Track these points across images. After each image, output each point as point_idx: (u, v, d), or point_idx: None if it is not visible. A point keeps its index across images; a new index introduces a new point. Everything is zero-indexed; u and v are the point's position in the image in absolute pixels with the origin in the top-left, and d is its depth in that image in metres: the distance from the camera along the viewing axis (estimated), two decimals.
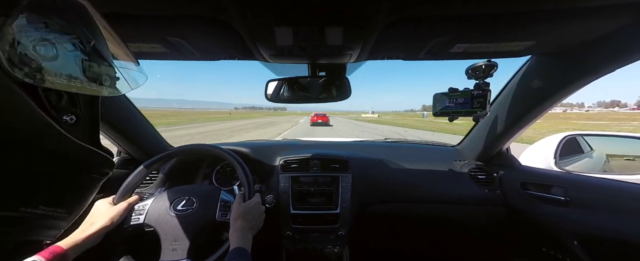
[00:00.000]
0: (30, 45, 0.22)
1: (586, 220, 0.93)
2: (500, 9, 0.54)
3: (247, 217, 0.76)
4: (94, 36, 0.27)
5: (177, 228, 0.78)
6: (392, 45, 0.75)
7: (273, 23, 0.57)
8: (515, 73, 0.99)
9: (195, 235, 0.78)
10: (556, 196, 1.02)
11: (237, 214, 0.75)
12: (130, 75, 0.32)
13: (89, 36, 0.26)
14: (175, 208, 0.82)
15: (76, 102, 0.28)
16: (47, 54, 0.23)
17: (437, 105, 0.95)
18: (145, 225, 0.80)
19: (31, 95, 0.22)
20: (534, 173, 1.16)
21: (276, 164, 1.28)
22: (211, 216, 0.82)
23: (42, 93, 0.24)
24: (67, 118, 0.27)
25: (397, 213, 1.25)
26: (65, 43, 0.24)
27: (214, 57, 0.87)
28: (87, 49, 0.26)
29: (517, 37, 0.69)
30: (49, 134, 0.24)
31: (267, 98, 1.02)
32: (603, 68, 0.74)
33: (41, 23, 0.22)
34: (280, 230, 1.18)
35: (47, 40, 0.23)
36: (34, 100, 0.23)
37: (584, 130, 4.76)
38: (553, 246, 1.06)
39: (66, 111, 0.27)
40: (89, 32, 0.26)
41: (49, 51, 0.23)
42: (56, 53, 0.23)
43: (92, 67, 0.27)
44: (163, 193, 0.88)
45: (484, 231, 1.27)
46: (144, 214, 0.81)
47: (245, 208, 0.78)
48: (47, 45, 0.23)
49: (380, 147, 1.66)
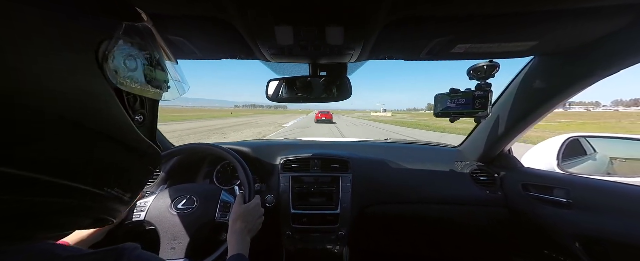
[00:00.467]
0: (123, 60, 0.29)
1: (588, 222, 0.92)
2: (502, 9, 0.54)
3: (246, 219, 0.76)
4: (158, 52, 0.35)
5: (177, 227, 0.78)
6: (393, 46, 0.75)
7: (274, 22, 0.58)
8: (518, 74, 0.99)
9: (195, 234, 0.78)
10: (558, 198, 1.01)
11: (237, 216, 0.75)
12: (179, 84, 0.41)
13: (155, 52, 0.35)
14: (176, 207, 0.82)
15: (144, 105, 0.36)
16: (131, 67, 0.31)
17: (439, 105, 0.94)
18: (146, 223, 0.80)
19: (119, 98, 0.30)
20: (536, 174, 1.15)
21: (277, 164, 1.28)
22: (211, 216, 0.82)
23: (125, 97, 0.31)
24: (138, 118, 0.34)
25: (398, 214, 1.25)
26: (142, 58, 0.32)
27: (215, 57, 0.87)
28: (154, 62, 0.34)
29: (519, 38, 0.69)
30: (127, 130, 0.31)
31: (268, 98, 1.02)
32: (606, 69, 0.73)
33: (129, 42, 0.30)
34: (281, 229, 1.18)
35: (132, 56, 0.31)
36: (120, 101, 0.30)
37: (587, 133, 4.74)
38: (554, 248, 1.05)
39: (138, 112, 0.34)
40: (155, 48, 0.35)
41: (132, 64, 0.31)
42: (136, 66, 0.31)
43: (157, 76, 0.35)
44: (165, 191, 0.89)
45: (485, 232, 1.27)
46: (145, 211, 0.81)
47: (245, 210, 0.78)
48: (132, 59, 0.31)
49: (381, 147, 1.66)
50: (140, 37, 0.32)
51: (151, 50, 0.34)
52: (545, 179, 1.10)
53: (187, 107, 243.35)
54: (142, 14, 0.34)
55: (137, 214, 0.81)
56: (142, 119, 0.35)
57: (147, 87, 0.33)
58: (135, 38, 0.31)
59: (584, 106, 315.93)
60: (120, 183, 0.33)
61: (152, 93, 0.35)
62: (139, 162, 0.35)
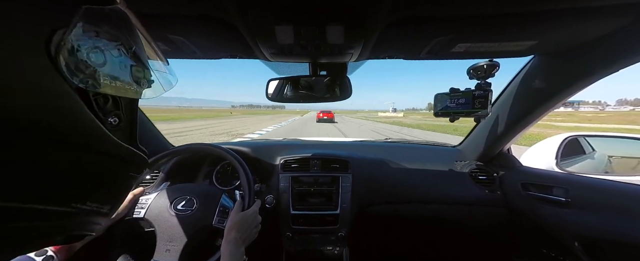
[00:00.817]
0: (84, 53, 0.24)
1: (587, 221, 0.92)
2: (501, 8, 0.54)
3: (241, 228, 0.75)
4: (134, 41, 0.29)
5: (174, 229, 0.78)
6: (393, 45, 0.75)
7: (274, 21, 0.57)
8: (517, 74, 0.99)
9: (191, 237, 0.78)
10: (557, 197, 1.02)
11: (232, 224, 0.74)
12: (164, 77, 0.34)
13: (130, 42, 0.28)
14: (176, 208, 0.82)
15: (119, 105, 0.31)
16: (97, 61, 0.25)
17: (438, 105, 0.94)
18: (145, 221, 0.80)
19: (83, 98, 0.25)
20: (535, 174, 1.15)
21: (276, 164, 1.28)
22: (209, 220, 0.82)
23: (92, 97, 0.27)
24: (111, 120, 0.29)
25: (397, 214, 1.25)
26: (112, 50, 0.26)
27: (215, 56, 0.87)
28: (129, 54, 0.28)
29: (519, 37, 0.69)
30: (96, 135, 0.26)
31: (268, 97, 1.02)
32: (606, 68, 0.73)
33: (94, 32, 0.25)
34: (280, 230, 1.18)
35: (97, 48, 0.25)
36: (85, 103, 0.25)
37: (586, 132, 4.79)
38: (554, 248, 1.05)
39: (111, 113, 0.29)
40: (130, 37, 0.29)
41: (99, 58, 0.25)
42: (105, 60, 0.25)
43: (133, 71, 0.29)
44: (165, 190, 0.89)
45: (485, 232, 1.27)
46: (145, 208, 0.81)
47: (242, 219, 0.77)
48: (97, 52, 0.25)
49: (381, 147, 1.66)
50: (109, 23, 0.26)
51: (124, 38, 0.28)
52: (545, 178, 1.10)
53: (185, 107, 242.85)
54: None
55: (138, 211, 0.81)
56: (117, 121, 0.30)
57: (120, 85, 0.28)
58: (101, 25, 0.25)
59: (594, 105, 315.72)
60: (94, 196, 0.29)
61: (130, 92, 0.29)
62: (117, 169, 0.31)
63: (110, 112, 0.29)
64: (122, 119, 0.31)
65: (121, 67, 0.27)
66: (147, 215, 0.80)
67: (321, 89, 0.98)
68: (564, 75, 0.83)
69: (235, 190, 0.93)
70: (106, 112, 0.29)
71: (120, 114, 0.31)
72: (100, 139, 0.27)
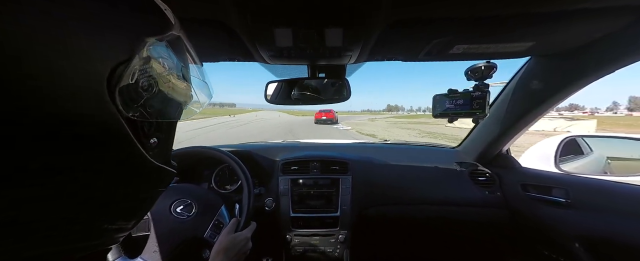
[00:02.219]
0: (139, 84, 0.23)
1: (588, 221, 0.92)
2: (499, 10, 0.54)
3: (229, 253, 0.72)
4: (183, 62, 0.28)
5: (168, 231, 0.78)
6: (391, 47, 0.75)
7: (272, 24, 0.58)
8: (515, 75, 1.00)
9: (180, 244, 0.77)
10: (557, 198, 1.02)
11: (221, 247, 0.72)
12: (201, 92, 0.33)
13: (180, 67, 0.27)
14: (175, 210, 0.82)
15: (161, 127, 0.30)
16: (151, 91, 0.24)
17: (437, 106, 0.95)
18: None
19: (130, 124, 0.23)
20: (535, 174, 1.16)
21: (276, 166, 1.27)
22: (201, 232, 0.81)
23: (139, 124, 0.25)
24: (152, 142, 0.28)
25: (397, 216, 1.25)
26: (165, 79, 0.25)
27: (214, 59, 0.87)
28: (178, 77, 0.27)
29: (517, 38, 0.69)
30: (136, 160, 0.26)
31: (267, 99, 1.02)
32: (602, 69, 0.74)
33: (150, 63, 0.24)
34: (280, 233, 1.17)
35: (152, 78, 0.24)
36: (131, 129, 0.24)
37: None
38: (554, 249, 1.05)
39: (152, 136, 0.28)
40: (180, 60, 0.27)
41: (153, 88, 0.24)
42: (157, 89, 0.25)
43: (180, 93, 0.28)
44: (171, 187, 0.88)
45: (485, 233, 1.27)
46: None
47: (232, 242, 0.75)
48: (152, 83, 0.24)
49: (380, 148, 1.66)
50: (165, 55, 0.25)
51: (176, 65, 0.27)
52: (544, 179, 1.10)
53: None
54: (170, 17, 0.25)
55: None
56: (157, 142, 0.29)
57: (167, 111, 0.27)
58: (160, 56, 0.24)
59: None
60: (124, 216, 0.28)
61: (173, 116, 0.29)
62: (149, 189, 0.30)
63: (153, 135, 0.29)
64: (161, 140, 0.30)
65: (168, 92, 0.26)
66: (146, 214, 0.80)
67: (320, 91, 0.98)
68: (560, 77, 0.84)
69: (236, 204, 0.92)
70: (148, 135, 0.28)
71: (160, 136, 0.30)
72: (137, 162, 0.26)
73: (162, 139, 0.30)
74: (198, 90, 0.32)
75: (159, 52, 0.25)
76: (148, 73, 0.24)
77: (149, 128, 0.28)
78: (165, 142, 0.31)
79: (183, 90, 0.29)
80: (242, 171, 0.90)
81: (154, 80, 0.24)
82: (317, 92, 0.98)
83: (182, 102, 0.30)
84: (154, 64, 0.24)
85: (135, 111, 0.23)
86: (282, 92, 1.00)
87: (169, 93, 0.27)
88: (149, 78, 0.24)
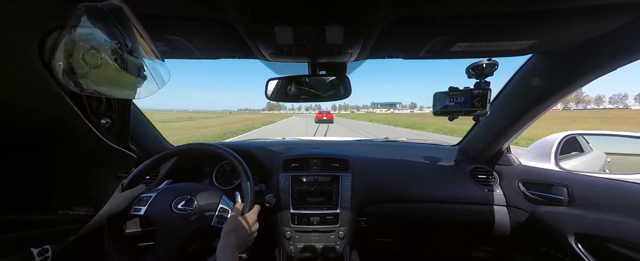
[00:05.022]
0: (80, 55, 0.22)
1: (587, 219, 0.93)
2: (500, 7, 0.54)
3: (238, 233, 0.74)
4: (130, 38, 0.27)
5: (174, 227, 0.78)
6: (392, 44, 0.75)
7: (273, 22, 0.57)
8: (516, 72, 0.99)
9: (189, 237, 0.78)
10: (557, 195, 1.02)
11: (229, 228, 0.74)
12: (157, 73, 0.32)
13: (127, 40, 0.26)
14: (176, 207, 0.82)
15: (112, 106, 0.29)
16: (93, 63, 0.23)
17: (438, 104, 0.94)
18: (145, 218, 0.80)
19: (76, 101, 0.23)
20: (534, 172, 1.16)
21: (276, 163, 1.28)
22: (208, 220, 0.82)
23: (86, 100, 0.25)
24: (104, 122, 0.28)
25: (397, 213, 1.25)
26: (108, 50, 0.24)
27: (214, 56, 0.86)
28: (125, 54, 0.26)
29: (518, 36, 0.69)
30: (88, 139, 0.25)
31: (267, 97, 1.02)
32: (604, 66, 0.73)
33: (90, 32, 0.23)
34: (281, 229, 1.18)
35: (93, 49, 0.23)
36: (78, 106, 0.23)
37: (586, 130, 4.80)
38: (554, 246, 1.06)
39: (104, 115, 0.28)
40: (127, 35, 0.26)
41: (95, 60, 0.23)
42: (100, 61, 0.23)
43: (129, 71, 0.27)
44: (167, 188, 0.89)
45: (484, 230, 1.27)
46: (145, 206, 0.81)
47: (240, 224, 0.77)
48: (93, 53, 0.23)
49: (381, 146, 1.66)
50: (106, 22, 0.24)
51: (121, 38, 0.25)
52: (544, 177, 1.11)
53: (189, 110, 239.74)
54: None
55: (138, 208, 0.80)
56: (110, 123, 0.28)
57: (116, 87, 0.26)
58: (98, 24, 0.23)
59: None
60: (81, 200, 0.27)
61: (124, 93, 0.28)
62: (106, 172, 0.30)
63: (103, 114, 0.28)
64: (114, 120, 0.29)
65: (116, 67, 0.25)
66: (147, 212, 0.80)
67: (320, 88, 0.98)
68: (562, 74, 0.84)
69: (235, 192, 0.93)
70: (99, 114, 0.27)
71: (113, 115, 0.29)
72: (90, 142, 0.25)
73: (116, 120, 0.29)
74: (152, 70, 0.31)
75: (101, 22, 0.23)
76: (89, 44, 0.22)
77: (97, 105, 0.27)
78: (120, 123, 0.30)
79: (132, 65, 0.27)
80: (238, 162, 0.91)
81: (97, 51, 0.23)
82: (317, 89, 0.98)
83: (133, 79, 0.28)
84: (96, 34, 0.23)
85: (77, 85, 0.22)
86: (282, 90, 1.00)
87: (117, 68, 0.25)
88: (91, 48, 0.23)
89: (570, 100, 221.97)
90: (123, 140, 0.32)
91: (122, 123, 0.32)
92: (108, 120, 0.28)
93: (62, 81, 0.20)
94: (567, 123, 21.49)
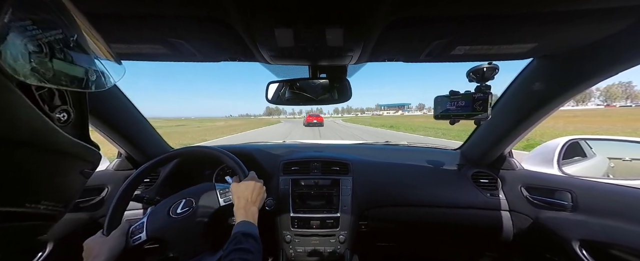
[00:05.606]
0: (22, 44, 0.22)
1: (591, 225, 0.91)
2: (501, 11, 0.54)
3: (247, 193, 0.77)
4: (74, 29, 0.27)
5: (185, 230, 0.77)
6: (392, 47, 0.75)
7: (273, 24, 0.58)
8: (517, 76, 0.99)
9: (206, 228, 0.77)
10: (560, 201, 1.01)
11: (238, 193, 0.77)
12: (112, 69, 0.32)
13: (71, 31, 0.26)
14: (176, 212, 0.80)
15: (66, 100, 0.30)
16: (37, 52, 0.23)
17: (438, 107, 0.94)
18: (150, 240, 0.76)
19: (26, 94, 0.23)
20: (537, 177, 1.15)
21: (277, 166, 1.27)
22: (215, 205, 0.81)
23: (36, 92, 0.25)
24: (60, 116, 0.29)
25: (398, 217, 1.24)
26: (52, 39, 0.24)
27: (214, 58, 0.87)
28: (71, 44, 0.26)
29: (519, 40, 0.69)
30: (45, 132, 0.25)
31: (268, 100, 1.02)
32: (606, 70, 0.73)
33: (29, 20, 0.22)
34: (280, 233, 1.17)
35: (36, 38, 0.23)
36: (29, 99, 0.23)
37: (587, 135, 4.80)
38: (557, 252, 1.04)
39: (58, 108, 0.28)
40: (71, 26, 0.27)
41: (39, 49, 0.23)
42: (45, 50, 0.23)
43: (77, 61, 0.27)
44: (157, 205, 0.86)
45: (486, 236, 1.26)
46: (144, 230, 0.76)
47: (244, 186, 0.79)
48: (36, 42, 0.23)
49: (381, 149, 1.65)
50: (44, 10, 0.24)
51: (65, 27, 0.25)
52: (547, 182, 1.10)
53: (191, 117, 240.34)
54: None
55: (137, 237, 0.75)
56: (66, 117, 0.29)
57: (64, 77, 0.26)
58: (36, 12, 0.23)
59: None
60: (48, 195, 0.27)
61: (73, 84, 0.27)
62: (69, 166, 0.30)
63: (57, 107, 0.28)
64: (71, 114, 0.30)
65: (63, 57, 0.25)
66: (150, 234, 0.76)
67: (321, 91, 0.98)
68: (563, 78, 0.83)
69: (226, 178, 0.93)
70: (53, 107, 0.28)
71: (68, 109, 0.30)
72: (48, 136, 0.25)
73: (74, 116, 0.30)
74: (104, 65, 0.31)
75: (38, 10, 0.23)
76: (31, 33, 0.22)
77: (50, 98, 0.27)
78: (78, 118, 0.31)
79: (79, 58, 0.27)
80: (236, 163, 0.90)
81: (38, 40, 0.23)
82: (317, 92, 0.98)
83: (83, 71, 0.28)
84: (36, 22, 0.23)
85: (23, 74, 0.21)
86: (283, 93, 1.00)
87: (61, 58, 0.25)
88: (33, 38, 0.22)
89: (618, 96, 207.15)
90: (84, 135, 0.32)
91: (81, 117, 0.32)
92: (64, 114, 0.29)
93: (6, 70, 0.20)
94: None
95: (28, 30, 0.22)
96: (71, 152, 0.29)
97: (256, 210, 0.76)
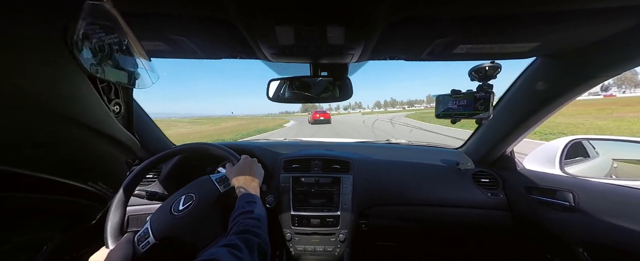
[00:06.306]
0: (92, 43, 0.27)
1: (593, 226, 0.91)
2: (504, 9, 0.53)
3: (244, 172, 0.79)
4: (124, 35, 0.32)
5: (194, 223, 0.74)
6: (394, 46, 0.75)
7: (274, 22, 0.58)
8: (519, 75, 0.98)
9: (214, 215, 0.76)
10: (562, 201, 1.00)
11: (235, 175, 0.78)
12: (150, 70, 0.38)
13: (123, 36, 0.32)
14: (178, 209, 0.77)
15: (119, 94, 0.34)
16: (103, 51, 0.28)
17: (440, 106, 0.94)
18: (160, 242, 0.71)
19: (93, 85, 0.28)
20: (539, 177, 1.14)
21: (277, 164, 1.28)
22: (216, 193, 0.80)
23: (100, 85, 0.29)
24: (115, 108, 0.33)
25: (398, 216, 1.24)
26: (111, 42, 0.29)
27: (216, 56, 0.87)
28: (124, 47, 0.32)
29: (522, 39, 0.68)
30: (106, 120, 0.30)
31: (269, 97, 1.02)
32: (608, 70, 0.72)
33: (96, 25, 0.28)
34: (281, 231, 1.18)
35: (102, 40, 0.28)
36: (96, 90, 0.28)
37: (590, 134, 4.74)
38: (558, 253, 1.04)
39: (113, 101, 0.33)
40: (121, 31, 0.32)
41: (104, 48, 0.28)
42: (107, 50, 0.29)
43: (129, 62, 0.33)
44: (156, 211, 0.82)
45: (487, 235, 1.26)
46: (150, 235, 0.71)
47: (239, 166, 0.81)
48: (102, 43, 0.28)
49: (383, 148, 1.65)
50: (105, 18, 0.29)
51: (118, 32, 0.31)
52: (549, 182, 1.09)
53: (200, 116, 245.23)
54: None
55: (145, 243, 0.71)
56: (118, 109, 0.33)
57: (120, 73, 0.31)
58: (100, 19, 0.28)
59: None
60: (103, 178, 0.31)
61: (125, 80, 0.33)
62: (119, 153, 0.34)
63: (113, 100, 0.33)
64: (121, 107, 0.34)
65: (120, 57, 0.31)
66: (158, 237, 0.71)
67: (322, 89, 0.98)
68: (566, 77, 0.83)
69: (219, 168, 0.92)
70: (110, 99, 0.32)
71: (120, 103, 0.34)
72: (108, 123, 0.30)
73: (123, 109, 0.35)
74: (147, 68, 0.37)
75: (101, 19, 0.28)
76: (98, 35, 0.27)
77: (108, 91, 0.31)
78: (126, 111, 0.36)
79: (130, 58, 0.33)
80: (223, 150, 0.90)
81: (103, 41, 0.28)
82: (319, 90, 0.98)
83: (131, 72, 0.33)
84: (101, 27, 0.28)
85: (93, 68, 0.26)
86: (284, 91, 1.00)
87: (119, 59, 0.31)
88: (100, 39, 0.28)
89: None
90: (130, 127, 0.36)
91: (128, 111, 0.36)
92: (117, 106, 0.33)
93: (81, 62, 0.25)
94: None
95: (97, 33, 0.28)
96: (123, 141, 0.33)
97: (257, 184, 0.78)
